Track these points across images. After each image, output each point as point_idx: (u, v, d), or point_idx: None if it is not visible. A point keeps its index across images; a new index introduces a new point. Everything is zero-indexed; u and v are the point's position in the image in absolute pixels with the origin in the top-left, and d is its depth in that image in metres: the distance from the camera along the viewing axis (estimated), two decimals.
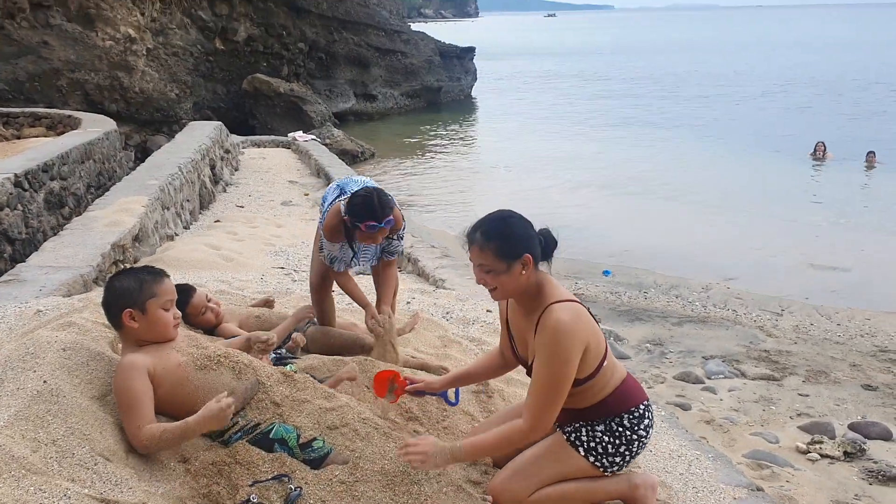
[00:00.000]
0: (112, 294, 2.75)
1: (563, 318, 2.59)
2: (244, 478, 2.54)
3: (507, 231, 2.70)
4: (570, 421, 2.78)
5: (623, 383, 2.76)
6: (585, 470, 2.71)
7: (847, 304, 9.28)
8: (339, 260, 3.91)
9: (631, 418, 2.73)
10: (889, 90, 32.57)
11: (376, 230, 3.60)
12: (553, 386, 2.58)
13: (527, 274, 2.68)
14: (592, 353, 2.64)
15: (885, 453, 5.52)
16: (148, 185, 7.34)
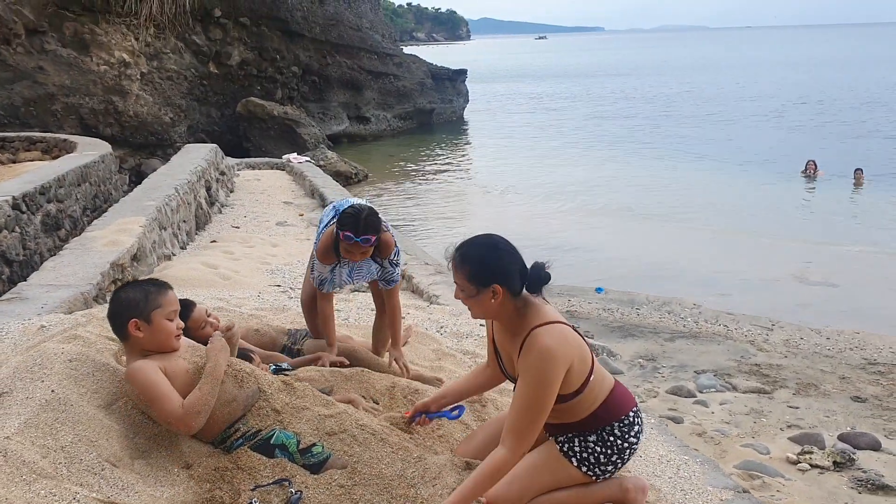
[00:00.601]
0: (118, 305, 2.84)
1: (546, 342, 2.63)
2: (246, 482, 2.63)
3: (484, 258, 2.75)
4: (562, 433, 2.85)
5: (611, 394, 2.83)
6: (578, 479, 2.78)
7: (835, 319, 9.40)
8: (329, 281, 3.98)
9: (622, 426, 2.81)
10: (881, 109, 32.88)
11: (351, 242, 3.68)
12: (534, 409, 2.62)
13: (496, 302, 2.73)
14: (577, 371, 2.70)
15: (874, 463, 5.59)
16: (145, 206, 7.44)
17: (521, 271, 2.77)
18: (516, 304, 2.77)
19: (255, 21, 23.52)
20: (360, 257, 3.82)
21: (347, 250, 3.77)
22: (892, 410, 6.62)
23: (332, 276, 3.98)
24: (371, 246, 3.77)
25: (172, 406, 2.68)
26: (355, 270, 4.01)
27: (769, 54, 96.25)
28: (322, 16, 25.88)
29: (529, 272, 2.76)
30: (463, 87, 34.50)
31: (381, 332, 4.26)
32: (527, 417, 2.63)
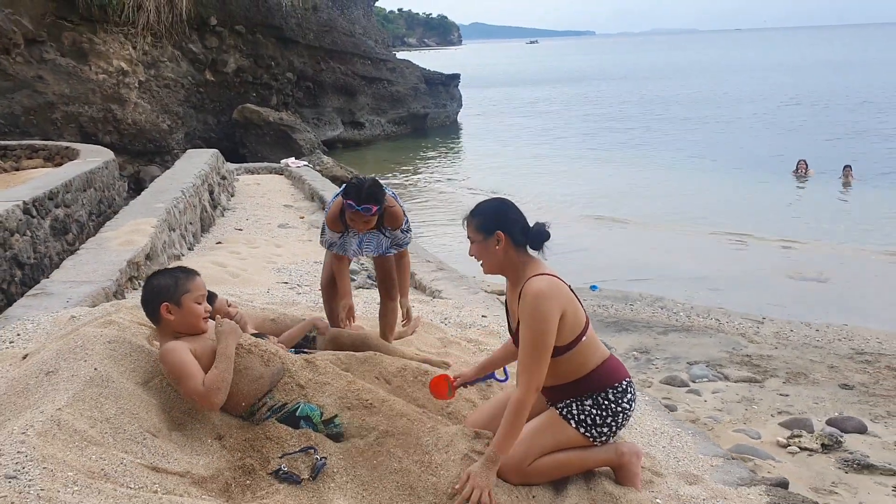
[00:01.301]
0: (150, 291, 3.09)
1: (539, 286, 2.99)
2: (274, 451, 2.87)
3: (489, 209, 3.18)
4: (561, 398, 3.13)
5: (606, 361, 3.13)
6: (577, 440, 3.05)
7: (824, 314, 9.62)
8: (339, 246, 4.26)
9: (615, 392, 3.08)
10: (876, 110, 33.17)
11: (352, 210, 3.95)
12: (537, 345, 2.94)
13: (501, 248, 3.10)
14: (570, 322, 3.01)
15: (860, 445, 5.84)
16: (155, 208, 7.68)
17: (524, 227, 3.15)
18: (519, 255, 3.13)
19: (250, 29, 23.77)
20: (364, 227, 4.07)
21: (351, 219, 4.03)
22: (877, 396, 6.87)
23: (342, 242, 4.25)
24: (373, 216, 4.02)
25: (196, 383, 2.91)
26: (364, 242, 4.28)
27: (760, 57, 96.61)
28: (316, 22, 26.14)
29: (532, 228, 3.14)
30: (456, 92, 34.77)
31: (385, 317, 4.56)
32: (532, 356, 2.94)
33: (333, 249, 4.30)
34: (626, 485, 3.04)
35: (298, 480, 2.76)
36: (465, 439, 3.05)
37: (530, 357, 2.95)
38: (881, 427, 6.19)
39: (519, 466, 2.97)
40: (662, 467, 3.27)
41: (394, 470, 2.84)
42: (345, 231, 4.21)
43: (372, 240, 4.30)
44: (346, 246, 4.28)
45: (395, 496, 2.78)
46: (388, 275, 4.51)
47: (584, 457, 3.06)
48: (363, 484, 2.79)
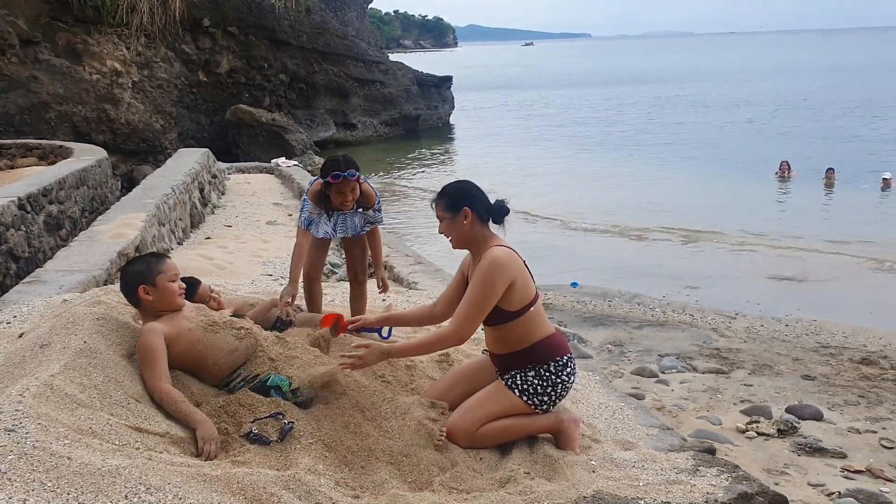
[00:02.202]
0: (127, 276, 3.43)
1: (498, 253, 3.38)
2: (247, 416, 3.18)
3: (455, 189, 3.55)
4: (507, 370, 3.45)
5: (550, 337, 3.47)
6: (520, 408, 3.39)
7: (797, 311, 9.91)
8: (315, 224, 4.56)
9: (556, 365, 3.43)
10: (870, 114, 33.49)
11: (339, 179, 4.27)
12: (477, 301, 3.34)
13: (468, 223, 3.47)
14: (520, 291, 3.37)
15: (815, 431, 6.14)
16: (145, 204, 7.98)
17: (487, 205, 3.53)
18: (483, 230, 3.51)
19: (243, 30, 24.07)
20: (351, 197, 4.37)
21: (339, 191, 4.33)
22: (837, 387, 7.17)
23: (319, 220, 4.55)
24: (357, 181, 4.34)
25: (154, 377, 3.19)
26: (339, 224, 4.59)
27: (755, 60, 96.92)
28: (309, 24, 26.45)
29: (493, 205, 3.53)
30: (448, 94, 35.08)
31: (356, 301, 4.92)
32: (471, 309, 3.35)
33: (310, 228, 4.55)
34: (566, 449, 3.37)
35: (268, 442, 3.07)
36: (422, 408, 3.38)
37: (468, 311, 3.36)
38: (837, 414, 6.49)
39: (468, 431, 3.30)
40: (602, 435, 3.59)
41: (354, 433, 3.16)
42: (322, 210, 4.52)
43: (346, 221, 4.62)
44: (319, 227, 4.58)
45: (354, 456, 3.10)
46: (357, 261, 4.86)
47: (527, 423, 3.39)
48: (326, 445, 3.10)
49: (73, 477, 2.40)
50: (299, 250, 4.53)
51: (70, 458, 2.47)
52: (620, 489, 3.05)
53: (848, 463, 5.51)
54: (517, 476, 3.13)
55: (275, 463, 2.98)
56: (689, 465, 3.29)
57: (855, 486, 5.05)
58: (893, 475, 5.32)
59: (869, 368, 7.62)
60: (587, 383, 4.38)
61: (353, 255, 4.86)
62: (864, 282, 11.53)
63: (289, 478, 2.78)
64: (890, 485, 5.16)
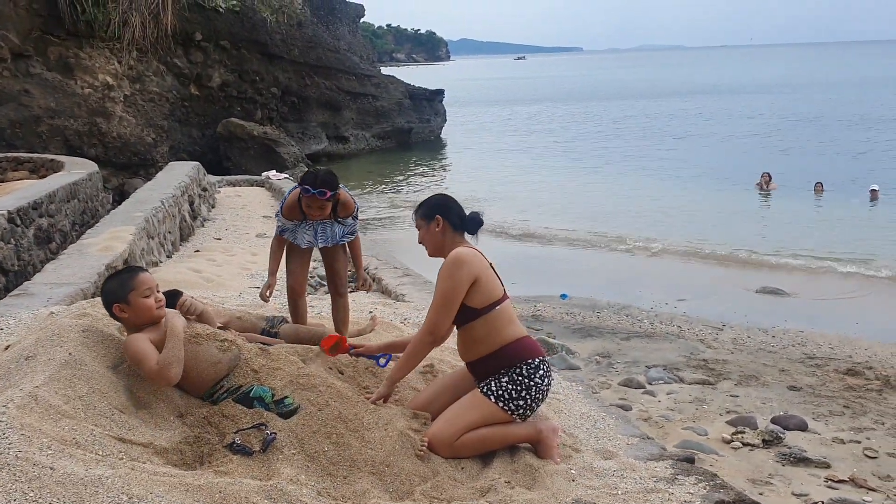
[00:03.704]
0: (103, 295, 3.49)
1: (459, 251, 3.53)
2: (230, 427, 3.21)
3: (431, 202, 3.77)
4: (482, 377, 3.53)
5: (521, 339, 3.57)
6: (498, 415, 3.45)
7: (783, 322, 9.98)
8: (290, 232, 4.70)
9: (528, 368, 3.50)
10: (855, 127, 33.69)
11: (308, 195, 4.41)
12: (443, 299, 3.47)
13: (440, 230, 3.63)
14: (485, 288, 3.49)
15: (800, 441, 6.18)
16: (134, 217, 8.02)
17: (461, 215, 3.69)
18: (455, 238, 3.65)
19: (234, 44, 24.15)
20: (319, 213, 4.51)
21: (308, 205, 4.47)
22: (822, 397, 7.23)
23: (295, 231, 4.68)
24: (328, 201, 4.45)
25: (151, 363, 3.26)
26: (319, 234, 4.69)
27: (749, 74, 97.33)
28: (301, 38, 26.56)
29: (468, 216, 3.69)
30: (440, 107, 35.21)
31: (338, 312, 4.99)
32: (437, 311, 3.50)
33: (285, 235, 4.73)
34: (545, 458, 3.41)
35: (250, 452, 3.10)
36: (404, 418, 3.42)
37: (435, 309, 3.51)
38: (822, 425, 6.54)
39: (448, 441, 3.35)
40: (582, 445, 3.64)
41: (336, 444, 3.19)
42: (301, 220, 4.64)
43: (327, 230, 4.72)
44: (298, 237, 4.69)
45: (337, 467, 3.13)
46: (337, 275, 4.93)
47: (506, 432, 3.45)
48: (308, 456, 3.14)
49: (55, 487, 2.44)
50: (274, 248, 4.81)
51: (53, 469, 2.51)
52: (599, 497, 3.09)
53: (832, 473, 5.55)
54: (497, 485, 3.17)
55: (257, 473, 3.01)
56: (667, 474, 3.33)
57: (838, 496, 5.10)
58: (876, 484, 5.37)
59: (854, 379, 7.68)
60: (570, 393, 4.42)
61: (333, 269, 4.95)
62: (851, 293, 11.62)
63: (271, 488, 2.82)
64: (873, 494, 5.20)
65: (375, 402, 3.55)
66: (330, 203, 4.52)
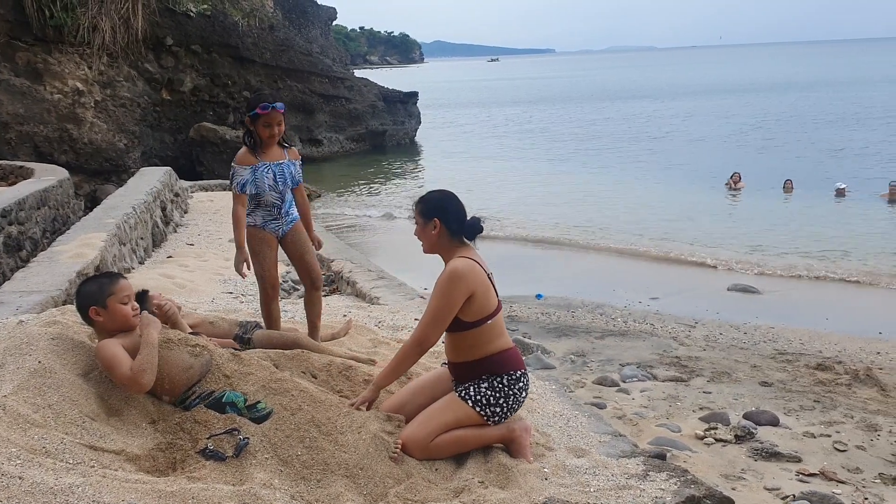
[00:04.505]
0: (79, 297, 3.45)
1: (457, 265, 3.48)
2: (202, 432, 3.20)
3: (432, 199, 3.68)
4: (461, 381, 3.53)
5: (507, 350, 3.55)
6: (474, 419, 3.46)
7: (755, 318, 10.10)
8: (250, 182, 4.69)
9: (510, 379, 3.51)
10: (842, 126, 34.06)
11: (267, 110, 4.50)
12: (435, 312, 3.45)
13: (436, 234, 3.59)
14: (480, 302, 3.47)
15: (771, 436, 6.26)
16: (106, 223, 7.95)
17: (461, 219, 3.62)
18: (452, 241, 3.60)
19: (206, 48, 24.01)
20: (279, 131, 4.60)
21: (267, 124, 4.56)
22: (793, 392, 7.32)
23: (255, 178, 4.67)
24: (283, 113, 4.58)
25: (124, 369, 3.25)
26: (279, 176, 4.73)
27: (720, 75, 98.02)
28: (272, 42, 26.46)
29: (467, 221, 3.62)
30: (415, 110, 35.21)
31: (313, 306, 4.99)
32: (428, 324, 3.48)
33: (247, 190, 4.69)
34: (518, 457, 3.44)
35: (223, 458, 3.10)
36: (377, 421, 3.43)
37: (427, 322, 3.48)
38: (793, 420, 6.62)
39: (423, 443, 3.36)
40: (555, 443, 3.68)
41: (309, 447, 3.20)
42: (256, 163, 4.67)
43: (284, 170, 4.77)
44: (259, 182, 4.69)
45: (310, 470, 3.14)
46: (310, 265, 4.94)
47: (480, 434, 3.47)
48: (281, 460, 3.14)
49: (24, 496, 2.43)
50: (237, 217, 4.73)
51: (21, 478, 2.49)
52: (572, 495, 3.12)
53: (803, 466, 5.63)
54: (471, 485, 3.19)
55: (230, 478, 3.01)
56: (639, 471, 3.37)
57: (809, 489, 5.16)
58: (846, 477, 5.45)
59: (824, 374, 7.79)
60: (543, 392, 4.45)
61: (304, 261, 4.93)
62: (820, 288, 11.79)
63: (244, 493, 2.82)
64: (842, 486, 5.28)
65: (359, 406, 3.55)
66: (283, 124, 4.66)
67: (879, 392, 7.25)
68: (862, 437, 6.11)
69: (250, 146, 4.71)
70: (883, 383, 7.46)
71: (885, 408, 6.82)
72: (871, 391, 7.28)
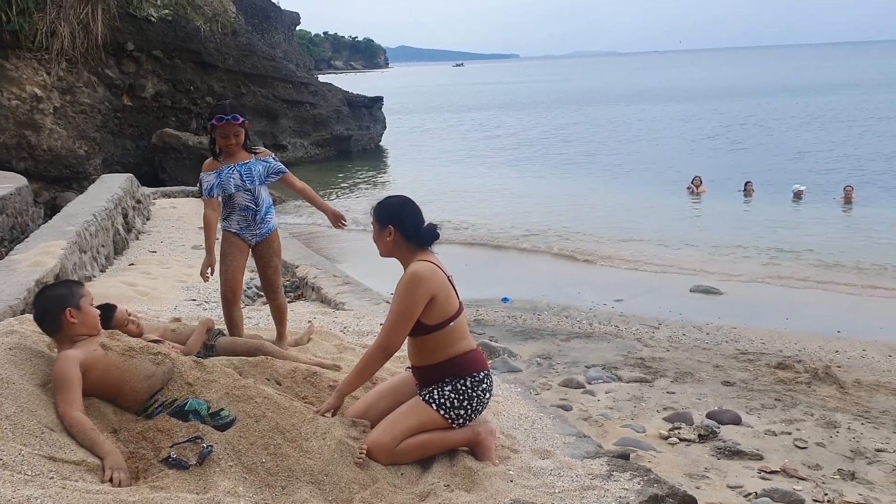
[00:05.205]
0: (49, 301, 3.39)
1: (418, 268, 3.48)
2: (165, 441, 3.17)
3: (388, 205, 3.68)
4: (425, 384, 3.54)
5: (470, 352, 3.56)
6: (438, 422, 3.47)
7: (717, 319, 10.23)
8: (217, 186, 4.75)
9: (473, 381, 3.52)
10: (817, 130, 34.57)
11: (223, 122, 4.56)
12: (397, 316, 3.45)
13: (391, 240, 3.60)
14: (441, 305, 3.47)
15: (734, 435, 6.35)
16: (66, 231, 7.84)
17: (417, 225, 3.61)
18: (409, 247, 3.60)
19: (168, 53, 23.74)
20: (235, 142, 4.64)
21: (223, 135, 4.60)
22: (754, 391, 7.43)
23: (220, 181, 4.73)
24: (241, 126, 4.62)
25: (65, 403, 3.18)
26: (245, 174, 4.76)
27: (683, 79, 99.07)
28: (235, 47, 26.25)
29: (423, 228, 3.61)
30: (380, 114, 35.14)
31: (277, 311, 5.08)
32: (391, 328, 3.47)
33: (213, 193, 4.75)
34: (484, 460, 3.45)
35: (186, 466, 3.07)
36: (342, 427, 3.42)
37: (390, 326, 3.48)
38: (754, 418, 6.72)
39: (388, 448, 3.36)
40: (520, 445, 3.70)
41: (274, 454, 3.18)
42: (221, 168, 4.72)
43: (251, 170, 4.80)
44: (226, 184, 4.74)
45: (275, 478, 3.12)
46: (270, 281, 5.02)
47: (445, 437, 3.47)
48: (245, 467, 3.12)
49: None
50: (208, 221, 4.80)
51: None
52: (537, 497, 3.14)
53: (764, 464, 5.72)
54: (437, 489, 3.20)
55: (194, 487, 2.98)
56: (603, 471, 3.40)
57: (771, 486, 5.25)
58: (806, 473, 5.54)
59: (784, 373, 7.92)
60: (509, 395, 4.48)
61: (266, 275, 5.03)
62: (780, 289, 11.97)
63: (208, 501, 2.80)
64: (803, 483, 5.37)
65: (324, 413, 3.54)
66: (243, 131, 4.69)
67: (838, 390, 7.39)
68: (821, 434, 6.22)
69: (214, 153, 4.78)
70: (841, 381, 7.60)
71: (844, 405, 6.95)
72: (829, 389, 7.42)
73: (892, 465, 5.65)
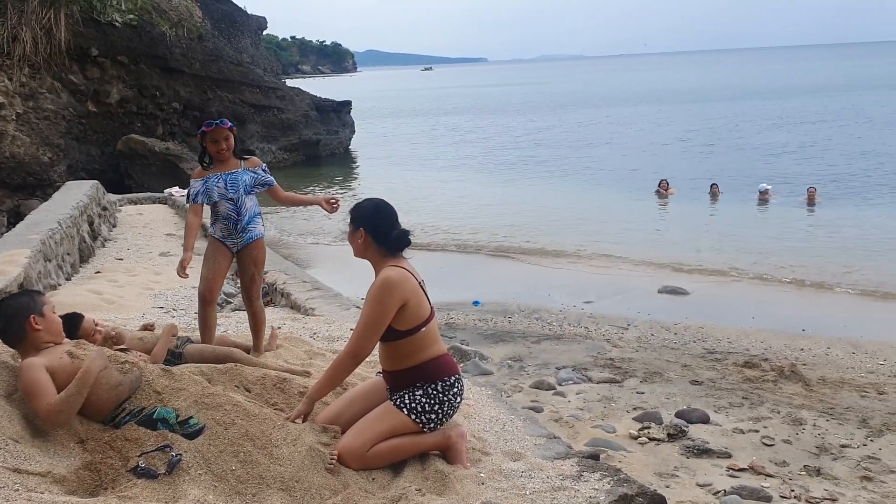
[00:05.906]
0: (12, 310, 3.35)
1: (389, 274, 3.49)
2: (133, 450, 3.15)
3: (362, 208, 3.70)
4: (396, 389, 3.54)
5: (441, 357, 3.57)
6: (409, 427, 3.48)
7: (684, 319, 10.35)
8: (202, 193, 4.80)
9: (444, 385, 3.53)
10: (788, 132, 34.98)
11: (212, 127, 4.61)
12: (368, 322, 3.46)
13: (361, 243, 3.62)
14: (413, 311, 3.48)
15: (702, 433, 6.42)
16: (30, 239, 7.73)
17: (388, 231, 3.61)
18: (382, 252, 3.61)
19: (133, 59, 23.52)
20: (226, 146, 4.70)
21: (214, 140, 4.66)
22: (722, 390, 7.52)
23: (206, 188, 4.77)
24: (230, 130, 4.69)
25: (43, 404, 3.16)
26: (230, 183, 4.79)
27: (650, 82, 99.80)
28: (201, 52, 26.08)
29: (394, 234, 3.61)
30: (349, 119, 35.07)
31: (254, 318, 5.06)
32: (362, 334, 3.48)
33: (197, 199, 4.81)
34: (455, 463, 3.47)
35: (155, 475, 3.04)
36: (313, 433, 3.42)
37: (361, 331, 3.49)
38: (722, 417, 6.80)
39: (359, 453, 3.36)
40: (491, 448, 3.72)
41: (244, 462, 3.16)
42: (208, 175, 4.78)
43: (237, 179, 4.83)
44: (210, 191, 4.79)
45: (245, 485, 3.10)
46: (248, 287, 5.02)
47: (416, 442, 3.48)
48: (215, 476, 3.10)
49: None
50: (189, 225, 4.89)
51: None
52: (508, 499, 3.16)
53: (733, 462, 5.79)
54: (409, 493, 3.20)
55: (163, 496, 2.95)
56: (573, 472, 3.43)
57: (739, 484, 5.31)
58: (774, 470, 5.62)
59: (751, 371, 8.02)
60: (480, 398, 4.49)
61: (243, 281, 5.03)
62: (746, 288, 12.14)
63: None
64: (771, 480, 5.45)
65: (294, 419, 3.54)
66: (232, 136, 4.75)
67: (804, 387, 7.50)
68: (788, 431, 6.30)
69: (204, 162, 4.85)
70: (807, 378, 7.72)
71: (809, 402, 7.06)
72: (795, 386, 7.52)
73: (856, 460, 5.75)
